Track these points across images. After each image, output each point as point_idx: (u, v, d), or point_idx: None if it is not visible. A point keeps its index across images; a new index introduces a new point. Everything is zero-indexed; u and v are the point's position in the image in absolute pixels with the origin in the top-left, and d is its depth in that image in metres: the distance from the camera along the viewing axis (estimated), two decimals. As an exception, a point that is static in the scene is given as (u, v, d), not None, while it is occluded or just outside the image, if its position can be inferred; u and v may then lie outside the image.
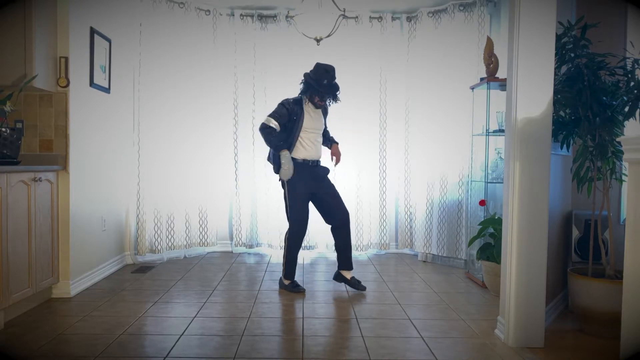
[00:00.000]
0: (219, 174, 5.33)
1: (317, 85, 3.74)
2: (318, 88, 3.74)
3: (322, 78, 3.74)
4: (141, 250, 4.80)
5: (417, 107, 5.12)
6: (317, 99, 3.78)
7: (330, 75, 3.77)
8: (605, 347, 2.74)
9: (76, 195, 3.67)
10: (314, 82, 3.75)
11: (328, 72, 3.76)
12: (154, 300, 3.54)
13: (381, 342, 2.78)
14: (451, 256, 4.84)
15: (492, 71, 4.09)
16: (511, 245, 2.74)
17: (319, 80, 3.75)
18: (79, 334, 2.85)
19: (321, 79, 3.74)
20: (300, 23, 4.25)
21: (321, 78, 3.74)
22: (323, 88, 3.74)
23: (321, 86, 3.74)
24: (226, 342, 2.76)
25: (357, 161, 5.30)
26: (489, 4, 4.77)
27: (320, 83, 3.74)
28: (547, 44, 2.67)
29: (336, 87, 3.81)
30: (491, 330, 2.97)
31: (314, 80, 3.76)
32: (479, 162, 4.38)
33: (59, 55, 3.54)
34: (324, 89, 3.74)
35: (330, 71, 3.77)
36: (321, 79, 3.74)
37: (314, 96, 3.78)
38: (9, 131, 3.17)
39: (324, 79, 3.74)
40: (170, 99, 4.92)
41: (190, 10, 5.04)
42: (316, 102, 3.79)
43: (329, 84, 3.76)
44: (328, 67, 3.79)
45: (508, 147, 2.79)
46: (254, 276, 4.33)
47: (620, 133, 2.92)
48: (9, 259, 2.93)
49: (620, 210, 3.50)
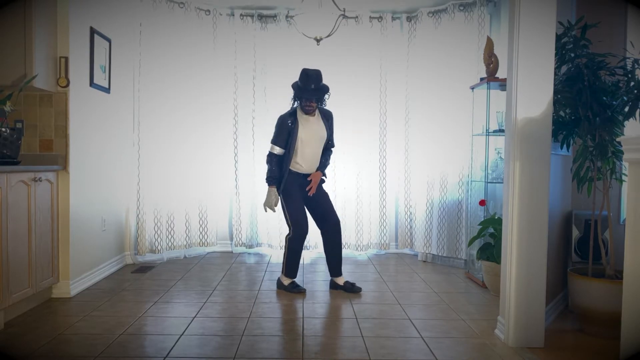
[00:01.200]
0: (219, 174, 5.33)
1: (303, 91, 3.75)
2: (303, 94, 3.75)
3: (307, 83, 3.75)
4: (141, 250, 4.80)
5: (417, 107, 5.12)
6: (304, 104, 3.77)
7: (313, 78, 3.75)
8: (605, 347, 2.74)
9: (76, 195, 3.67)
10: (299, 90, 3.77)
11: (309, 76, 3.75)
12: (154, 300, 3.54)
13: (381, 342, 2.78)
14: (451, 256, 4.84)
15: (492, 71, 4.09)
16: (511, 245, 2.74)
17: (305, 86, 3.75)
18: (79, 334, 2.85)
19: (306, 84, 3.75)
20: (300, 23, 4.25)
21: (306, 83, 3.75)
22: (308, 93, 3.74)
23: (307, 92, 3.74)
24: (226, 342, 2.76)
25: (357, 161, 5.30)
26: (489, 4, 4.77)
27: (307, 89, 3.74)
28: (547, 44, 2.67)
29: (322, 90, 3.80)
30: (491, 330, 2.97)
31: (299, 87, 3.78)
32: (479, 162, 4.38)
33: (59, 55, 3.54)
34: (308, 94, 3.74)
35: (312, 74, 3.76)
36: (306, 84, 3.75)
37: (301, 102, 3.79)
38: (9, 131, 3.17)
39: (310, 84, 3.74)
40: (170, 99, 4.92)
41: (190, 10, 5.04)
42: (304, 108, 3.79)
43: (315, 88, 3.75)
44: (309, 70, 3.79)
45: (508, 147, 2.79)
46: (254, 276, 4.33)
47: (620, 133, 2.92)
48: (9, 259, 2.93)
49: (620, 210, 3.50)
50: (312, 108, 3.80)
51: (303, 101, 3.77)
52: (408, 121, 5.23)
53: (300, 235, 3.84)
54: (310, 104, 3.77)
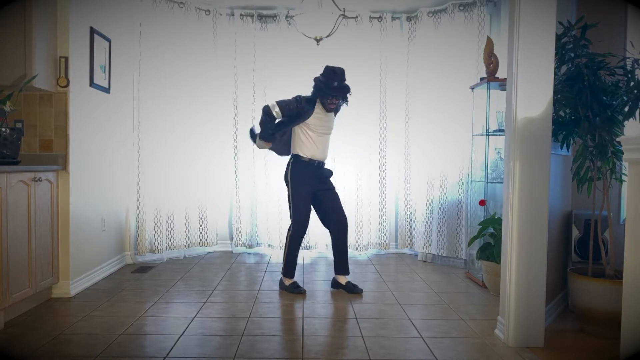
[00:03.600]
0: (219, 174, 5.33)
1: (327, 88, 3.72)
2: (327, 91, 3.72)
3: (331, 80, 3.73)
4: (141, 250, 4.80)
5: (417, 107, 5.12)
6: (328, 101, 3.76)
7: (339, 76, 3.75)
8: (605, 347, 2.74)
9: (76, 195, 3.67)
10: (323, 86, 3.73)
11: (336, 74, 3.74)
12: (154, 300, 3.54)
13: (381, 342, 2.78)
14: (451, 256, 4.84)
15: (492, 71, 4.09)
16: (511, 245, 2.74)
17: (328, 82, 3.73)
18: (79, 334, 2.85)
19: (330, 81, 3.73)
20: (300, 23, 4.25)
21: (330, 80, 3.73)
22: (332, 90, 3.72)
23: (330, 88, 3.72)
24: (226, 342, 2.76)
25: (357, 161, 5.30)
26: (489, 4, 4.77)
27: (330, 85, 3.72)
28: (547, 44, 2.67)
29: (346, 89, 3.79)
30: (491, 330, 2.97)
31: (323, 83, 3.74)
32: (479, 162, 4.38)
33: (59, 55, 3.54)
34: (333, 91, 3.72)
35: (339, 72, 3.75)
36: (330, 82, 3.73)
37: (325, 100, 3.76)
38: (9, 131, 3.17)
39: (333, 82, 3.72)
40: (170, 98, 4.92)
41: (190, 10, 5.04)
42: (327, 105, 3.77)
43: (338, 86, 3.74)
44: (336, 69, 3.77)
45: (508, 147, 2.79)
46: (254, 276, 4.33)
47: (620, 133, 2.92)
48: (9, 259, 2.93)
49: (620, 210, 3.50)
50: (335, 105, 3.80)
51: (328, 98, 3.74)
52: (408, 121, 5.23)
53: (300, 235, 3.83)
54: (335, 101, 3.76)
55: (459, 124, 4.74)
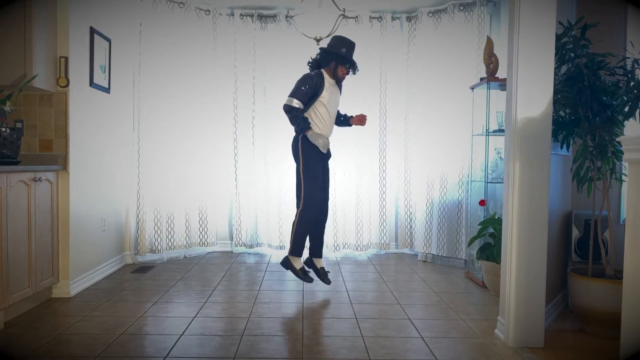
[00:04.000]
0: (219, 174, 5.33)
1: (338, 56, 3.64)
2: (337, 58, 3.62)
3: (345, 48, 3.66)
4: (141, 250, 4.80)
5: (417, 107, 5.12)
6: (340, 68, 3.67)
7: (352, 46, 3.69)
8: (605, 347, 2.74)
9: (76, 195, 3.67)
10: (330, 50, 3.66)
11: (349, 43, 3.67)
12: (154, 300, 3.54)
13: (381, 342, 2.78)
14: (451, 256, 4.84)
15: (492, 71, 4.09)
16: (511, 245, 2.74)
17: (336, 46, 3.67)
18: (79, 334, 2.85)
19: (339, 45, 3.66)
20: (300, 23, 4.25)
21: (345, 48, 3.66)
22: (343, 59, 3.64)
23: (342, 57, 3.64)
24: (226, 342, 2.76)
25: (357, 161, 5.30)
26: (489, 4, 4.77)
27: (337, 51, 3.66)
28: (547, 44, 2.67)
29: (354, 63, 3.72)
30: (491, 330, 2.97)
31: (331, 48, 3.67)
32: (479, 162, 4.38)
33: (58, 55, 3.54)
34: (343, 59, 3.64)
35: (350, 42, 3.69)
36: (338, 47, 3.66)
37: (337, 66, 3.67)
38: (9, 131, 3.17)
39: (341, 47, 3.66)
40: (170, 98, 4.92)
41: (190, 10, 5.04)
42: (339, 74, 3.68)
43: (347, 52, 3.67)
44: (347, 38, 3.73)
45: (508, 147, 2.79)
46: (254, 276, 4.33)
47: (620, 133, 2.92)
48: (9, 259, 2.93)
49: (620, 210, 3.50)
50: (344, 75, 3.71)
51: (339, 66, 3.65)
52: (408, 121, 5.23)
53: (310, 211, 3.67)
54: (345, 70, 3.68)
55: (459, 124, 4.74)
